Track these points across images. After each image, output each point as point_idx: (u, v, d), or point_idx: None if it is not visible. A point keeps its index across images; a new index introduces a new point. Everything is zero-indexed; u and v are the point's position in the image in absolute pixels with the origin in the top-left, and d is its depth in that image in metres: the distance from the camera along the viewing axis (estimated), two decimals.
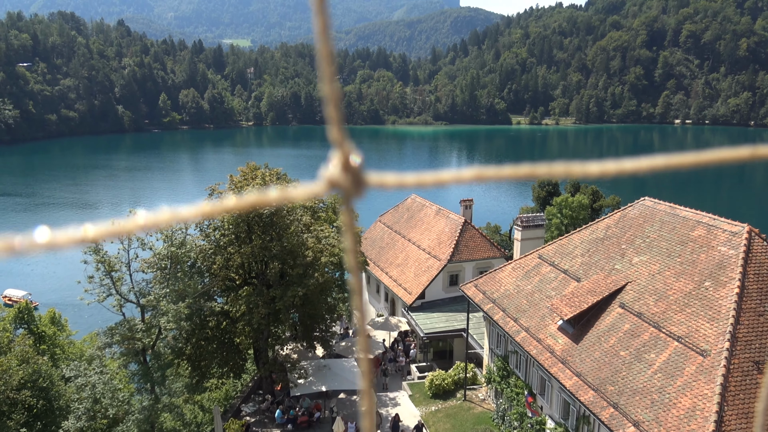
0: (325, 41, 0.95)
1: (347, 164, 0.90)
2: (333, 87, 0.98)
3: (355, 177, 0.90)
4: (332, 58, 0.94)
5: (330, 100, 0.96)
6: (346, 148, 0.92)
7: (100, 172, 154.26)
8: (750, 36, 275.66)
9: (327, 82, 0.97)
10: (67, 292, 59.04)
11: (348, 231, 0.98)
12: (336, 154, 0.91)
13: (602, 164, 1.01)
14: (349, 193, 0.89)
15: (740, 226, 23.61)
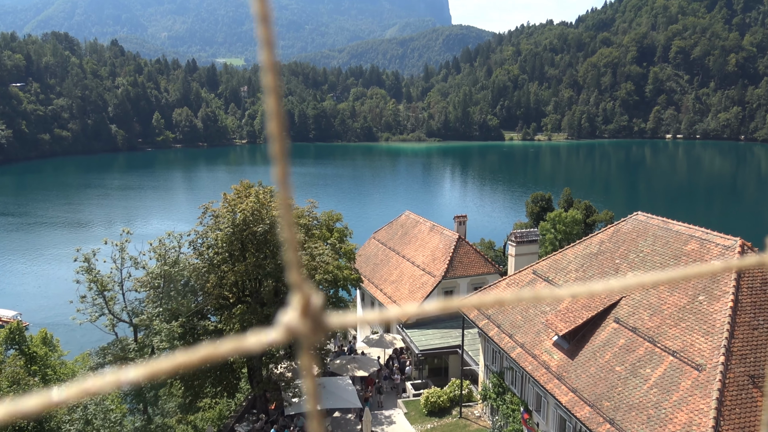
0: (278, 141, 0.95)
1: (307, 309, 0.89)
2: (291, 231, 0.95)
3: (314, 321, 0.89)
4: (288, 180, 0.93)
5: (289, 243, 0.94)
6: (306, 292, 0.90)
7: (93, 191, 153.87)
8: (738, 51, 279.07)
9: (286, 228, 0.94)
10: (59, 311, 58.56)
11: (307, 376, 0.94)
12: (295, 298, 0.90)
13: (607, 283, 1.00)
14: (309, 339, 0.87)
15: (733, 240, 23.71)
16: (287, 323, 0.87)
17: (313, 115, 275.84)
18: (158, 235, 31.44)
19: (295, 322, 0.87)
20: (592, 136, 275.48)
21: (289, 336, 0.87)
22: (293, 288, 0.91)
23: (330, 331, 0.67)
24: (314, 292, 0.89)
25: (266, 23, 0.97)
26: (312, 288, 0.90)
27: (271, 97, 0.95)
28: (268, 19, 0.97)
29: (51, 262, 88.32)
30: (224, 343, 0.87)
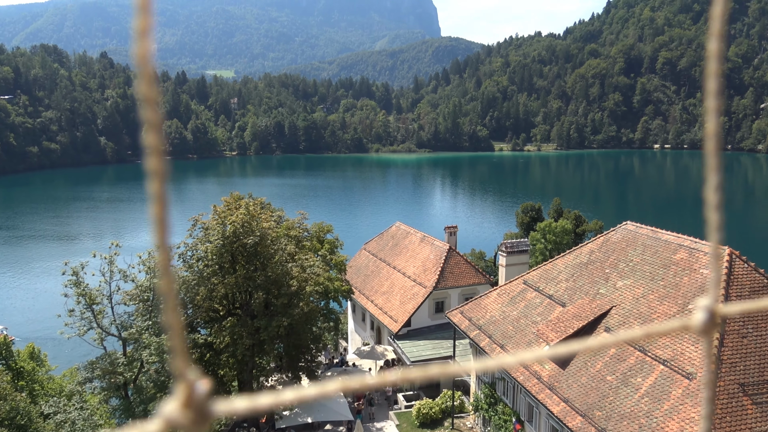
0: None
1: (190, 399, 0.83)
2: (175, 314, 0.91)
3: (198, 412, 0.83)
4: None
5: (174, 327, 0.90)
6: (189, 380, 0.85)
7: (81, 203, 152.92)
8: (724, 62, 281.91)
9: (168, 307, 0.90)
10: (46, 326, 57.96)
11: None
12: (179, 388, 0.85)
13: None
14: (192, 429, 0.83)
15: (721, 249, 23.83)
16: (168, 415, 0.82)
17: (303, 126, 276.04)
18: (147, 248, 31.27)
19: (177, 414, 0.82)
20: (581, 147, 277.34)
21: (169, 428, 0.83)
22: (177, 376, 0.87)
23: (215, 419, 0.65)
24: (199, 381, 0.85)
25: (145, 14, 0.92)
26: (197, 376, 0.86)
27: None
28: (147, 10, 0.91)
29: (39, 275, 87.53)
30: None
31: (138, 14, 0.91)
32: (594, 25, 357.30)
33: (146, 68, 0.89)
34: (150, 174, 0.87)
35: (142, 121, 0.94)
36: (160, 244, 0.87)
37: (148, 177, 0.88)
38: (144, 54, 0.90)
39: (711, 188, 1.03)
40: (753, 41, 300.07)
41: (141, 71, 0.90)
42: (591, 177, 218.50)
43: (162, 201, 0.88)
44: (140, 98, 0.92)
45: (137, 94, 0.87)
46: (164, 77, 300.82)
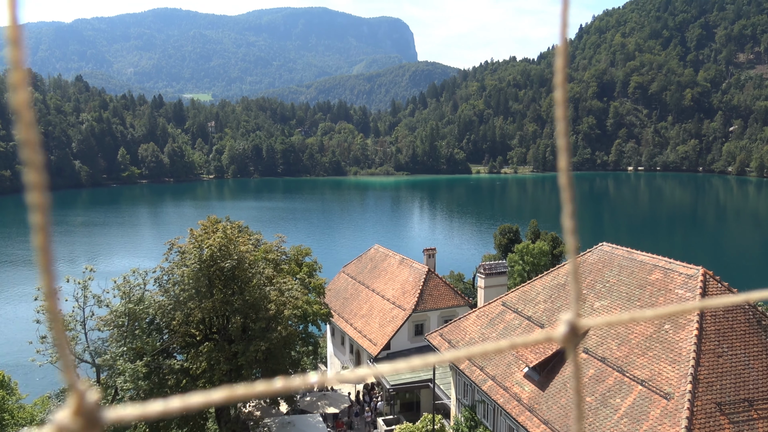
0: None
1: (80, 407, 0.89)
2: (61, 332, 0.94)
3: (88, 419, 0.89)
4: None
5: (61, 344, 0.93)
6: (79, 390, 0.90)
7: (55, 228, 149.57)
8: (694, 87, 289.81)
9: (55, 327, 0.93)
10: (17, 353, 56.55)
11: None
12: (70, 397, 0.89)
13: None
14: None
15: (695, 269, 24.23)
16: (59, 422, 0.87)
17: (281, 149, 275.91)
18: (122, 272, 30.80)
19: (68, 421, 0.87)
20: (556, 169, 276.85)
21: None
22: (68, 387, 0.91)
23: (105, 426, 0.67)
24: (88, 390, 0.89)
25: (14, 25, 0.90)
26: (85, 385, 0.90)
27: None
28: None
29: (11, 301, 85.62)
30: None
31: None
32: None
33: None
34: (66, 386, 0.92)
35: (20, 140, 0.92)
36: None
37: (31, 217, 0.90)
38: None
39: (566, 215, 1.14)
40: (720, 66, 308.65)
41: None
42: None
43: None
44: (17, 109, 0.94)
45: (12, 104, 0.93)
46: (141, 101, 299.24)
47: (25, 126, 0.91)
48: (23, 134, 0.91)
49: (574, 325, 1.14)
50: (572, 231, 1.14)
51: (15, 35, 0.86)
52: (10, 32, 0.89)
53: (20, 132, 0.91)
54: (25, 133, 0.90)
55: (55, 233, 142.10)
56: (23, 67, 0.91)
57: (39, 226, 0.89)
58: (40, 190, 0.93)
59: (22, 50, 0.88)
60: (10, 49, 0.88)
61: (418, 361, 1.13)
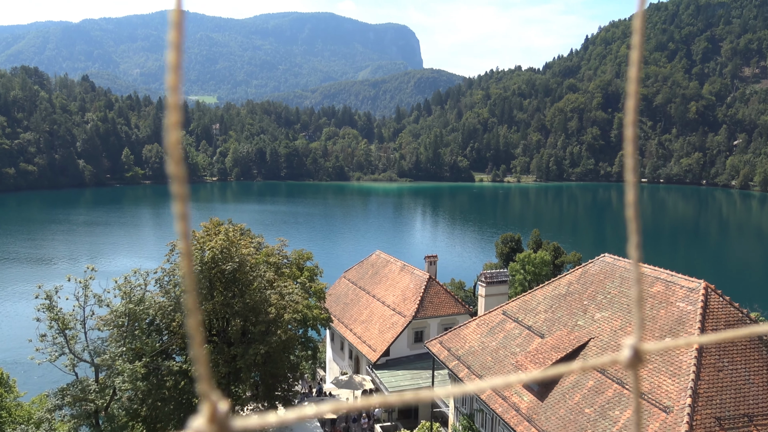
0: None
1: (213, 416, 1.00)
2: (201, 348, 1.05)
3: (220, 426, 1.00)
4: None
5: (199, 357, 1.04)
6: (212, 399, 1.01)
7: (57, 226, 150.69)
8: (698, 100, 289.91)
9: (196, 344, 1.05)
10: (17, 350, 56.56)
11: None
12: (204, 405, 1.00)
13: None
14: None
15: (697, 282, 24.17)
16: (196, 428, 0.99)
17: (285, 153, 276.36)
18: (124, 272, 30.81)
19: (203, 428, 0.99)
20: (559, 179, 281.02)
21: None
22: (202, 397, 1.02)
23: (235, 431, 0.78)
24: (220, 401, 1.00)
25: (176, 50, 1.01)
26: (219, 397, 1.00)
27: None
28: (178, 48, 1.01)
29: (11, 298, 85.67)
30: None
31: (170, 50, 1.00)
32: (572, 61, 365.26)
33: (174, 98, 1.00)
34: (200, 395, 1.02)
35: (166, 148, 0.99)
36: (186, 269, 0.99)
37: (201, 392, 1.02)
38: (173, 85, 0.99)
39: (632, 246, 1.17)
40: (726, 80, 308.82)
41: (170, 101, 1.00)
42: (570, 209, 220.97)
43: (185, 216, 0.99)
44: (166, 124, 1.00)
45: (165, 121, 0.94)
46: (146, 101, 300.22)
47: (175, 163, 0.99)
48: (173, 169, 0.99)
49: (637, 349, 1.21)
50: (637, 261, 1.18)
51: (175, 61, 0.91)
52: (170, 57, 0.98)
53: (170, 167, 1.00)
54: (175, 169, 0.99)
55: (57, 232, 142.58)
56: (179, 104, 0.97)
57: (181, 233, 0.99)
58: (185, 220, 1.03)
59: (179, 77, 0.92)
60: (169, 74, 0.94)
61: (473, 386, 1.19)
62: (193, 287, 1.08)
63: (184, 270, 1.08)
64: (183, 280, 0.89)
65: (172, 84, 1.02)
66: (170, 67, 1.03)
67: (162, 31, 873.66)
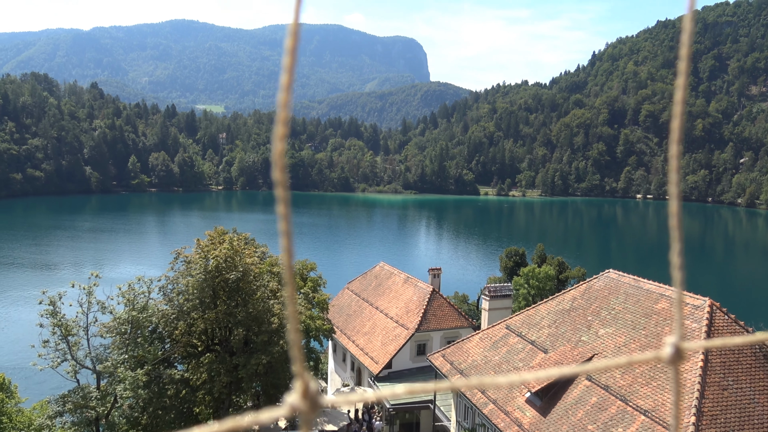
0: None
1: (306, 392, 1.14)
2: (297, 333, 1.19)
3: (312, 402, 1.14)
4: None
5: (296, 343, 1.17)
6: (306, 379, 1.15)
7: (62, 232, 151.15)
8: (705, 117, 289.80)
9: (293, 330, 1.20)
10: (19, 356, 56.58)
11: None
12: (297, 383, 1.15)
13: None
14: (308, 415, 1.15)
15: (702, 300, 24.04)
16: (291, 402, 1.14)
17: (290, 163, 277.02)
18: (128, 280, 30.87)
19: (297, 402, 1.14)
20: (565, 194, 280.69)
21: (292, 412, 1.16)
22: (296, 375, 1.16)
23: (323, 408, 0.85)
24: (311, 379, 1.14)
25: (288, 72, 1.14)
26: (310, 376, 1.15)
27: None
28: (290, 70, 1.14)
29: (15, 303, 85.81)
30: (244, 417, 1.15)
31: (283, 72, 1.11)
32: (579, 77, 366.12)
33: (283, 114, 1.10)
34: (295, 375, 1.14)
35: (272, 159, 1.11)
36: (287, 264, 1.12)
37: (294, 376, 1.16)
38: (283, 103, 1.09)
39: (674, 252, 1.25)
40: (732, 98, 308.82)
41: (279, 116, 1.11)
42: (574, 224, 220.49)
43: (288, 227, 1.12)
44: (274, 138, 1.12)
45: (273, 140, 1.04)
46: (154, 110, 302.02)
47: (280, 171, 1.12)
48: (277, 176, 1.13)
49: (678, 347, 1.34)
50: (680, 266, 1.29)
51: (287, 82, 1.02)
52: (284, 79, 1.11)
53: (275, 174, 1.14)
54: (279, 176, 1.11)
55: (63, 238, 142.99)
56: (287, 119, 1.07)
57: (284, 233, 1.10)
58: (287, 227, 1.16)
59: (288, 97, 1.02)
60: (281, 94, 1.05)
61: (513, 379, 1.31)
62: (292, 279, 1.22)
63: (285, 264, 1.20)
64: (283, 273, 0.91)
65: (282, 101, 1.13)
66: (282, 87, 1.15)
67: (172, 40, 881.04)
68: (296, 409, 1.14)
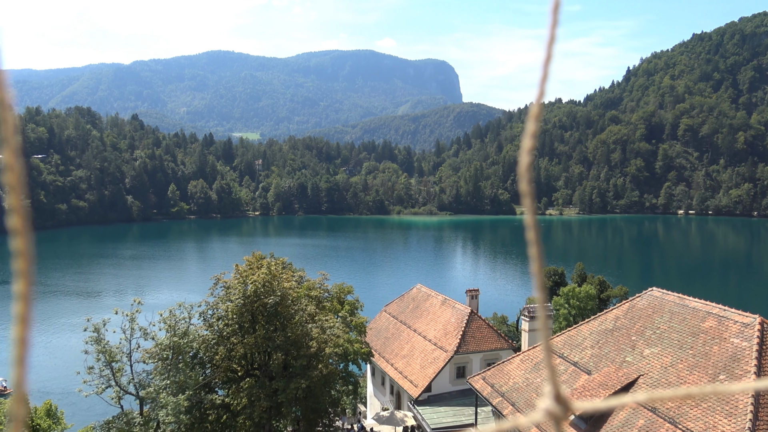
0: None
1: (559, 396, 1.15)
2: (549, 356, 1.20)
3: (565, 405, 1.17)
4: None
5: (547, 361, 1.21)
6: (557, 383, 1.17)
7: (105, 260, 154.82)
8: (747, 130, 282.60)
9: (545, 352, 1.24)
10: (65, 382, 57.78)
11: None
12: (548, 388, 1.17)
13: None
14: (561, 419, 1.17)
15: (752, 317, 23.23)
16: (546, 408, 1.16)
17: (326, 188, 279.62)
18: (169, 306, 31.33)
19: (552, 407, 1.16)
20: (603, 211, 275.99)
21: (548, 417, 1.17)
22: (548, 379, 1.17)
23: (575, 413, 0.84)
24: (561, 384, 1.24)
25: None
26: (560, 381, 1.24)
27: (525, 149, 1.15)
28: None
29: (60, 331, 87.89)
30: (504, 421, 1.18)
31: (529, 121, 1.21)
32: (614, 93, 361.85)
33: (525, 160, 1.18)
34: (547, 380, 1.17)
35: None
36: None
37: (547, 381, 1.20)
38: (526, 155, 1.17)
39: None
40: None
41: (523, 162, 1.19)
42: (614, 242, 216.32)
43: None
44: (519, 174, 1.18)
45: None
46: (192, 139, 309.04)
47: (527, 183, 1.19)
48: (524, 188, 1.19)
49: (551, 412, 1.26)
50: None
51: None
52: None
53: (522, 185, 1.21)
54: (526, 188, 1.18)
55: (106, 266, 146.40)
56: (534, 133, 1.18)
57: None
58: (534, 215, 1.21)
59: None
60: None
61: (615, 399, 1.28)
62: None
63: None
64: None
65: (533, 118, 1.19)
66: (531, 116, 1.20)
67: (208, 71, 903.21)
68: (551, 413, 1.16)
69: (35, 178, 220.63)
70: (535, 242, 1.11)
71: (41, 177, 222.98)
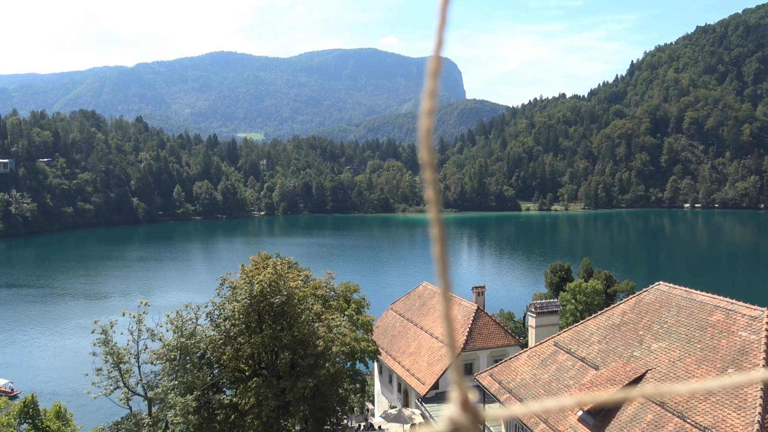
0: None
1: (466, 404, 1.04)
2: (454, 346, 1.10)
3: (473, 415, 1.05)
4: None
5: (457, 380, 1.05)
6: (464, 389, 1.05)
7: (112, 262, 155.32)
8: (752, 122, 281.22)
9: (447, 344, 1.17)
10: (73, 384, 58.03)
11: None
12: (455, 394, 1.05)
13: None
14: (468, 429, 1.05)
15: (760, 310, 23.12)
16: (451, 417, 1.05)
17: (330, 187, 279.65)
18: (176, 307, 31.42)
19: (458, 416, 1.05)
20: (609, 206, 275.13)
21: (452, 427, 1.05)
22: (454, 385, 1.06)
23: (484, 422, 0.79)
24: (470, 390, 1.03)
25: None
26: (469, 386, 1.03)
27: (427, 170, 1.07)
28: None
29: (69, 333, 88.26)
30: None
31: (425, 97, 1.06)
32: (618, 87, 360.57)
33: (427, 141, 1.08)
34: (453, 384, 1.02)
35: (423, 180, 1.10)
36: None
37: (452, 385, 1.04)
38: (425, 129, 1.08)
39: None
40: None
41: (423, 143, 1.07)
42: (620, 236, 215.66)
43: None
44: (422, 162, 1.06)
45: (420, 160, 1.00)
46: (196, 140, 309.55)
47: (428, 151, 1.09)
48: (424, 156, 1.09)
49: (455, 422, 1.14)
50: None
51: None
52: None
53: (421, 154, 1.12)
54: (427, 156, 1.07)
55: (112, 268, 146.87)
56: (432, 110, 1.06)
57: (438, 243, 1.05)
58: (440, 225, 1.10)
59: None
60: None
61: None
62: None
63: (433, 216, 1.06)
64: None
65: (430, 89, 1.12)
66: (429, 73, 1.13)
67: (211, 72, 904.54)
68: (456, 423, 1.03)
69: (41, 181, 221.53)
70: (437, 222, 1.06)
71: (47, 180, 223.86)
